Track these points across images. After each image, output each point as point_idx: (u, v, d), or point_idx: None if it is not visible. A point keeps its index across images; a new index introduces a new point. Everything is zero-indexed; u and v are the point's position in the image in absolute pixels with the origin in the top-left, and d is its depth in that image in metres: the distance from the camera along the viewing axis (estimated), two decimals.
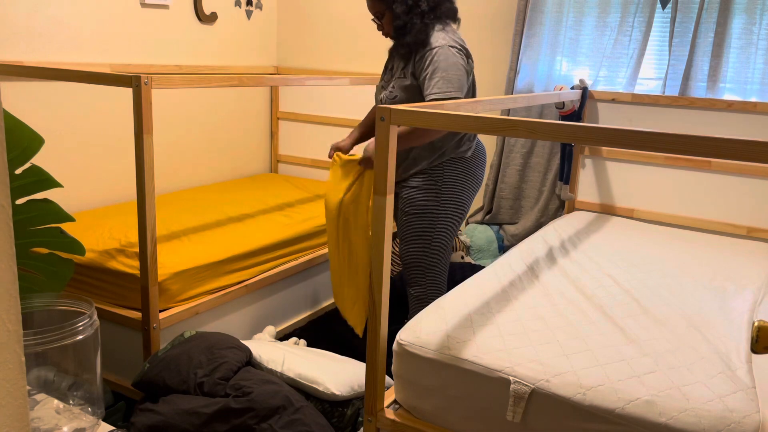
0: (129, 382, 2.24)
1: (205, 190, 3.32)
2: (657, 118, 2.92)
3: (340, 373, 2.03)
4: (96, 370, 1.26)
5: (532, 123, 1.37)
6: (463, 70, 2.13)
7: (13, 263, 0.63)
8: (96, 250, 2.28)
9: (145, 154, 1.96)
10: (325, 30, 3.79)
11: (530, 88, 3.21)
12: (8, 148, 1.66)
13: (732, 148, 1.18)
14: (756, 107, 2.72)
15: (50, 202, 1.75)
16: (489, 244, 3.31)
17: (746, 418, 1.36)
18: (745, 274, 2.29)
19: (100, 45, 2.91)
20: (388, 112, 1.53)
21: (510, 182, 3.31)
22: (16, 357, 0.64)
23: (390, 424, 1.68)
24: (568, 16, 3.11)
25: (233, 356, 1.90)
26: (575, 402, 1.45)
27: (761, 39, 2.74)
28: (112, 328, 2.24)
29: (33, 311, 1.29)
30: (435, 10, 2.17)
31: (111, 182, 3.06)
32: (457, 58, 2.12)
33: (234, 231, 2.62)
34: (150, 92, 1.93)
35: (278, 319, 2.76)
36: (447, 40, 2.14)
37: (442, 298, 1.92)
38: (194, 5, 3.34)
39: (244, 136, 3.83)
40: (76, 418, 1.18)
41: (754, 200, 2.78)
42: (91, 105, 2.92)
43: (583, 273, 2.21)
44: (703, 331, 1.77)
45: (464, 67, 2.14)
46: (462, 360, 1.59)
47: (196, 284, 2.30)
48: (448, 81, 2.09)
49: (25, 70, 2.17)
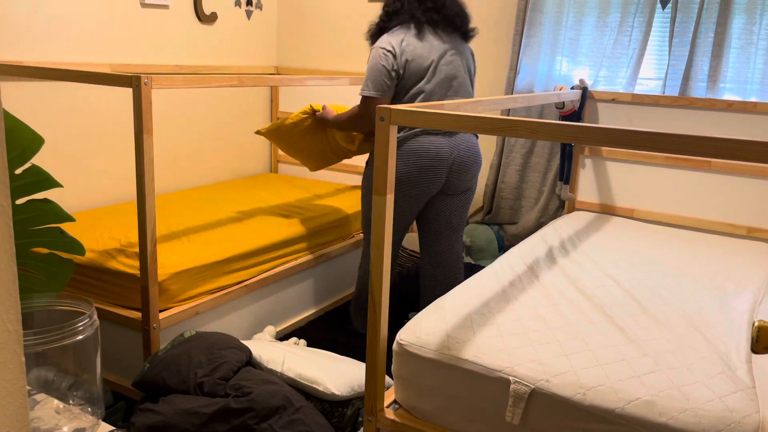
0: (129, 382, 2.24)
1: (205, 190, 3.32)
2: (657, 118, 2.92)
3: (340, 373, 2.03)
4: (96, 370, 1.26)
5: (532, 123, 1.38)
6: (383, 72, 2.33)
7: (13, 263, 0.63)
8: (96, 250, 2.29)
9: (145, 154, 1.96)
10: (325, 30, 3.79)
11: (530, 88, 3.21)
12: (8, 148, 1.67)
13: (732, 148, 1.18)
14: (756, 107, 2.72)
15: (50, 202, 1.75)
16: (489, 244, 3.31)
17: (746, 418, 1.36)
18: (745, 274, 2.29)
19: (100, 45, 2.92)
20: (388, 112, 1.53)
21: (510, 182, 3.31)
22: (16, 357, 0.64)
23: (390, 424, 1.68)
24: (568, 16, 3.11)
25: (233, 356, 1.90)
26: (575, 402, 1.45)
27: (761, 39, 2.74)
28: (112, 328, 2.24)
29: (33, 311, 1.29)
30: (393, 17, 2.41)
31: (111, 182, 3.06)
32: (377, 60, 2.34)
33: (234, 231, 2.62)
34: (150, 92, 1.93)
35: (278, 319, 2.77)
36: (381, 42, 2.36)
37: (442, 298, 1.92)
38: (194, 5, 3.34)
39: (244, 136, 3.83)
40: (76, 418, 1.18)
41: (754, 200, 2.78)
42: (91, 105, 2.92)
43: (583, 273, 2.21)
44: (703, 331, 1.77)
45: (385, 68, 2.33)
46: (462, 360, 1.59)
47: (196, 284, 2.31)
48: (366, 80, 2.36)
49: (25, 70, 2.17)
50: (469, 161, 2.48)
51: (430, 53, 2.38)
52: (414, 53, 2.35)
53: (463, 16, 2.46)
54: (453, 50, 2.42)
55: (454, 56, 2.42)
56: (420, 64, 2.36)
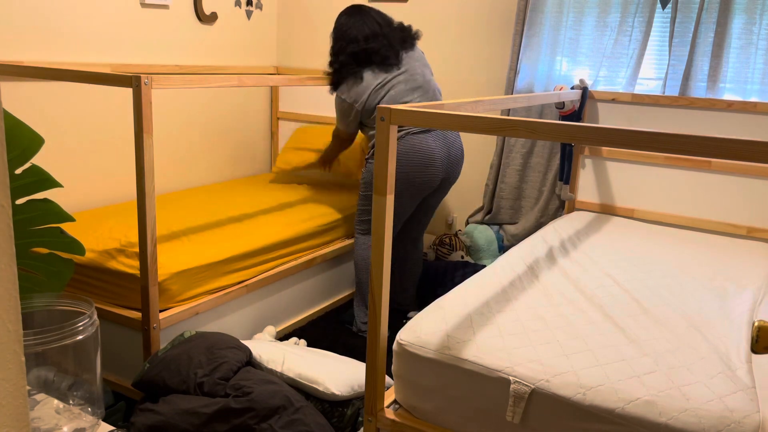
0: (129, 382, 2.24)
1: (205, 190, 3.31)
2: (657, 118, 2.92)
3: (340, 373, 2.03)
4: (96, 370, 1.26)
5: (532, 123, 1.38)
6: (347, 112, 2.77)
7: (13, 263, 0.63)
8: (96, 250, 2.28)
9: (145, 154, 1.96)
10: (325, 30, 3.79)
11: (530, 88, 3.21)
12: (8, 148, 1.67)
13: (732, 148, 1.19)
14: (756, 107, 2.72)
15: (50, 202, 1.75)
16: (489, 244, 3.31)
17: (746, 418, 1.36)
18: (745, 274, 2.29)
19: (100, 45, 2.92)
20: (388, 112, 1.53)
21: (510, 182, 3.31)
22: (16, 357, 0.64)
23: (390, 424, 1.68)
24: (568, 16, 3.11)
25: (233, 356, 1.90)
26: (575, 402, 1.45)
27: (761, 39, 2.74)
28: (112, 328, 2.24)
29: (33, 311, 1.29)
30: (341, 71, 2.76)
31: (111, 182, 3.06)
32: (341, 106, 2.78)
33: (234, 231, 2.62)
34: (150, 92, 1.93)
35: (278, 319, 2.77)
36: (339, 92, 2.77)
37: (442, 298, 1.92)
38: (194, 5, 3.34)
39: (244, 136, 3.83)
40: (76, 418, 1.18)
41: (754, 200, 2.78)
42: (91, 105, 2.92)
43: (583, 273, 2.21)
44: (703, 331, 1.77)
45: (348, 111, 2.76)
46: (462, 360, 1.59)
47: (196, 284, 2.31)
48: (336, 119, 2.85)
49: (25, 70, 2.17)
50: (460, 157, 2.79)
51: (366, 90, 2.72)
52: (359, 98, 2.72)
53: (401, 41, 2.78)
54: (392, 74, 2.73)
55: (394, 78, 2.72)
56: (368, 103, 2.71)
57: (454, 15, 3.40)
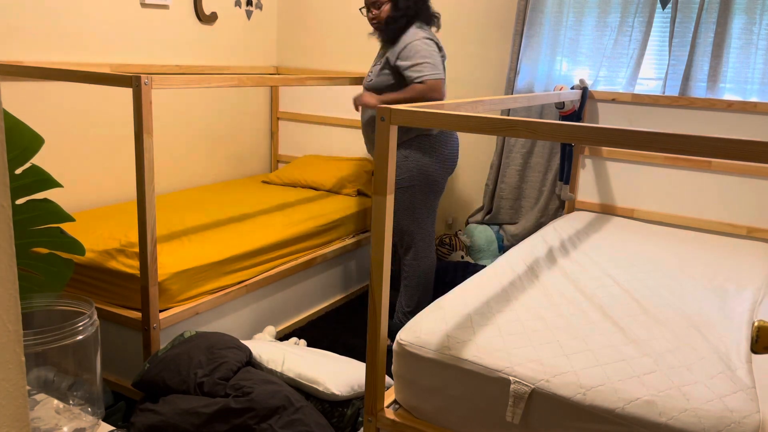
0: (129, 382, 2.24)
1: (205, 190, 3.32)
2: (657, 118, 2.92)
3: (340, 373, 2.03)
4: (96, 370, 1.26)
5: (532, 123, 1.37)
6: (440, 58, 2.56)
7: (13, 263, 0.63)
8: (96, 250, 2.28)
9: (145, 154, 1.96)
10: (325, 30, 3.79)
11: (530, 88, 3.20)
12: (8, 148, 1.66)
13: (732, 148, 1.18)
14: (756, 107, 2.72)
15: (50, 202, 1.75)
16: (489, 244, 3.31)
17: (746, 418, 1.36)
18: (745, 274, 2.29)
19: (100, 45, 2.92)
20: (389, 112, 1.53)
21: (510, 182, 3.31)
22: (16, 357, 0.64)
23: (390, 424, 1.68)
24: (568, 16, 3.11)
25: (233, 356, 1.90)
26: (575, 402, 1.45)
27: (761, 39, 2.74)
28: (112, 328, 2.24)
29: (33, 311, 1.28)
30: (419, 15, 2.61)
31: (111, 182, 3.06)
32: (433, 47, 2.55)
33: (234, 231, 2.62)
34: (150, 92, 1.93)
35: (278, 319, 2.77)
36: (424, 34, 2.56)
37: (442, 298, 1.92)
38: (194, 5, 3.34)
39: (244, 136, 3.83)
40: (76, 418, 1.18)
41: (754, 200, 2.78)
42: (91, 105, 2.92)
43: (583, 273, 2.21)
44: (703, 331, 1.77)
45: (439, 55, 2.57)
46: (462, 360, 1.59)
47: (196, 284, 2.30)
48: (434, 66, 2.51)
49: (25, 70, 2.17)
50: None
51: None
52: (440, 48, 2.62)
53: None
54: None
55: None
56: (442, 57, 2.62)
57: (454, 15, 3.40)
